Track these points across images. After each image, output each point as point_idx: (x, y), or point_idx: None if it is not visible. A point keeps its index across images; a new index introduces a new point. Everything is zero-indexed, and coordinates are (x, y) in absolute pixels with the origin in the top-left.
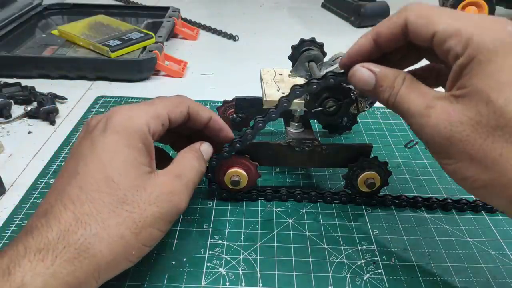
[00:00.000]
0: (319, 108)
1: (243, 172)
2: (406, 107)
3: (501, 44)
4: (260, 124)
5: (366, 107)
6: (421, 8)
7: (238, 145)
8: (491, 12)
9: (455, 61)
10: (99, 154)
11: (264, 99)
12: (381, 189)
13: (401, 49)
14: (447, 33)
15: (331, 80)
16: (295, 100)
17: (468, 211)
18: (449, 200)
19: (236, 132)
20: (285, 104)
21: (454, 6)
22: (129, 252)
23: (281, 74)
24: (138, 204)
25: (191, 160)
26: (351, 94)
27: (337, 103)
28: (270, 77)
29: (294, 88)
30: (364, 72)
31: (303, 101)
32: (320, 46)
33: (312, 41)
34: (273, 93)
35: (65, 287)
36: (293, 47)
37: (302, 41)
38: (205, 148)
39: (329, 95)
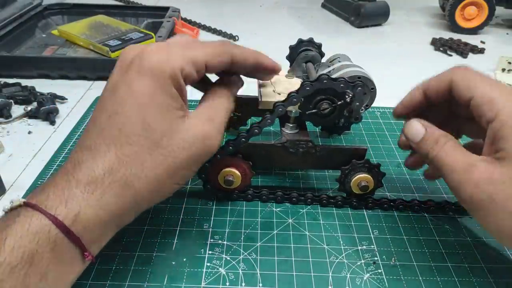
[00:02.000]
0: (313, 110)
1: (237, 172)
2: (448, 161)
3: None
4: (256, 130)
5: (362, 110)
6: (466, 72)
7: (230, 148)
8: (491, 12)
9: (488, 125)
10: (136, 97)
11: (259, 99)
12: (374, 191)
13: (445, 107)
14: (483, 100)
15: (325, 81)
16: None
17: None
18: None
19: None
20: (280, 109)
21: (454, 6)
22: (163, 190)
23: (278, 74)
24: (173, 149)
25: (222, 101)
26: (346, 97)
27: (331, 106)
28: None
29: (290, 95)
30: (416, 124)
31: (298, 103)
32: (318, 46)
33: (310, 41)
34: (269, 94)
35: (111, 216)
36: (291, 47)
37: (300, 42)
38: (235, 81)
39: (324, 98)
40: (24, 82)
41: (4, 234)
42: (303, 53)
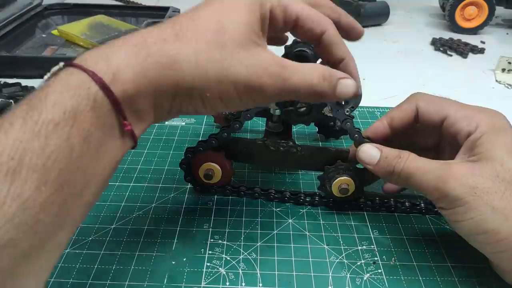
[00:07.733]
0: (290, 108)
1: (217, 167)
2: (419, 166)
3: (503, 126)
4: (237, 125)
5: (347, 111)
6: (428, 97)
7: (213, 142)
8: (491, 12)
9: (467, 138)
10: (219, 4)
11: None
12: (355, 196)
13: (407, 132)
14: (457, 117)
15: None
16: None
17: None
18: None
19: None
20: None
21: (454, 6)
22: (204, 92)
23: None
24: (232, 58)
25: (311, 73)
26: None
27: (308, 104)
28: None
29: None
30: (368, 148)
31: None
32: (314, 47)
33: (305, 42)
34: None
35: (150, 87)
36: (286, 47)
37: (296, 42)
38: (346, 83)
39: None
40: (24, 82)
41: (45, 92)
42: (294, 52)
